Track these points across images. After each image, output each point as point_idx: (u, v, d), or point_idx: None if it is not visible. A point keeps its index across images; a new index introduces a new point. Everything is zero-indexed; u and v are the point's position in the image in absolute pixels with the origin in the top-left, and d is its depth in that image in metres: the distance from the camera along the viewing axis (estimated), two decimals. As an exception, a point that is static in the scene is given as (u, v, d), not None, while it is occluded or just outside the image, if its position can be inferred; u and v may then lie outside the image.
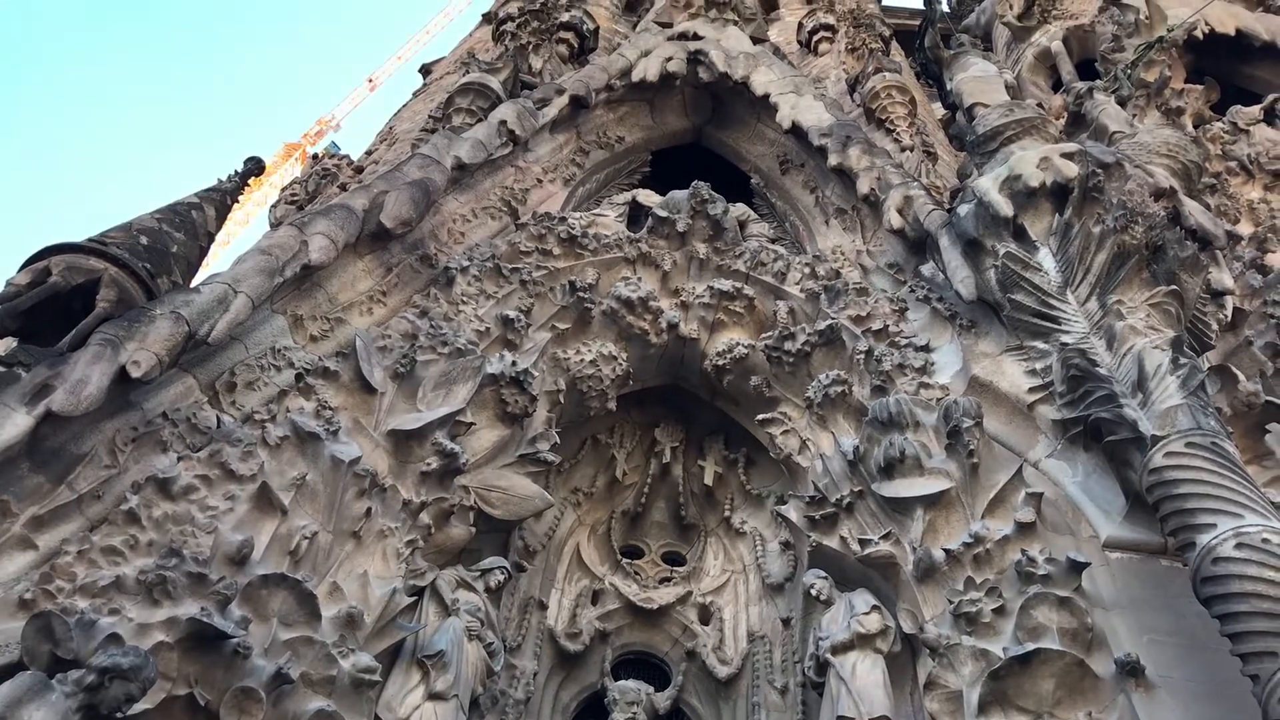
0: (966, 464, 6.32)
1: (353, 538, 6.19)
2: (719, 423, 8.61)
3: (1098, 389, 5.88)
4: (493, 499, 6.94)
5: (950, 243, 7.56)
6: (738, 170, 11.24)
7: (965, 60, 9.22)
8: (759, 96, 10.98)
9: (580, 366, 7.90)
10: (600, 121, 10.82)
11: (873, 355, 7.41)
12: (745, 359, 8.14)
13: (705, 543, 8.31)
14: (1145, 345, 5.88)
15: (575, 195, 10.11)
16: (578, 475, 8.39)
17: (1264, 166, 11.13)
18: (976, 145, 7.97)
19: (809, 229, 9.97)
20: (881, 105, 11.27)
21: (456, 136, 9.12)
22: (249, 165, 9.04)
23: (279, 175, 55.38)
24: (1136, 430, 5.52)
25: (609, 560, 8.12)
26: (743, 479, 8.37)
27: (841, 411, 7.38)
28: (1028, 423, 6.46)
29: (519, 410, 7.18)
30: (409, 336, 7.22)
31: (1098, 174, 6.86)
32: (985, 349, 7.05)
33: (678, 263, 8.72)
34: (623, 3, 18.44)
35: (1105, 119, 8.49)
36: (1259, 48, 13.75)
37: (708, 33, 11.97)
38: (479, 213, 8.87)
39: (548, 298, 8.13)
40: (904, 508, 6.33)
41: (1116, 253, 6.43)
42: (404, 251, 7.98)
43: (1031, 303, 6.66)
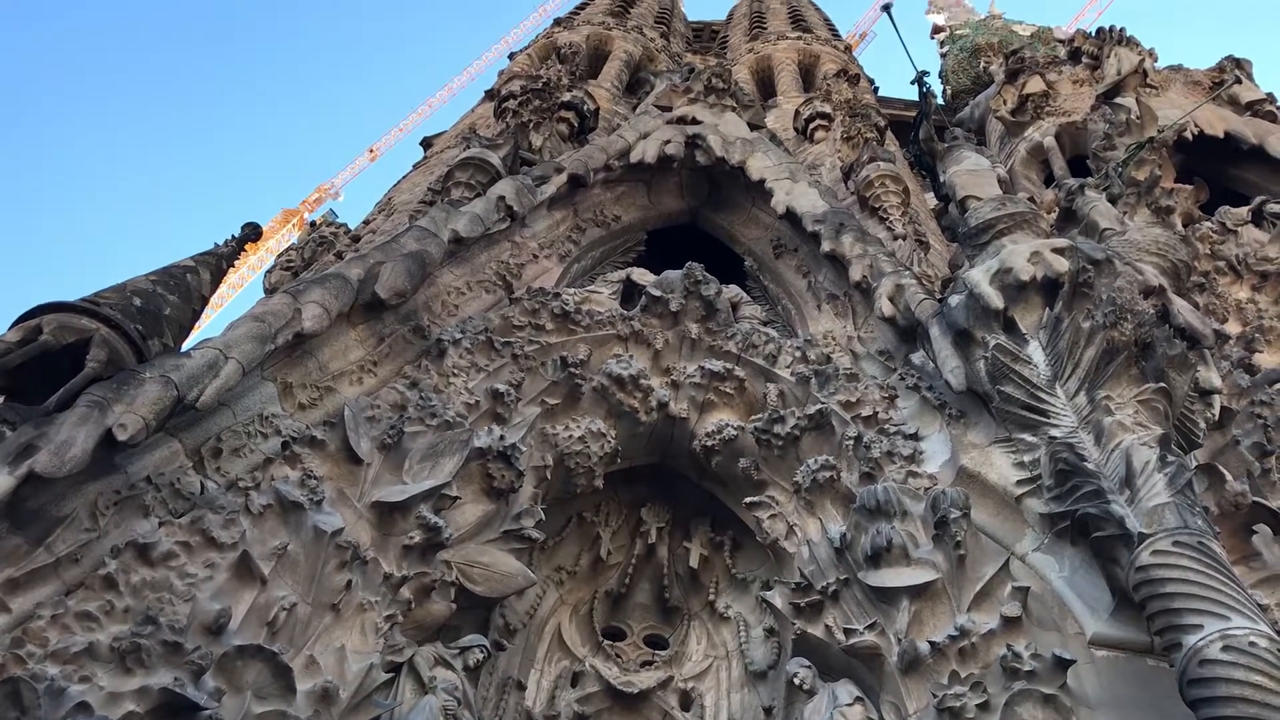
0: (953, 555, 6.28)
1: (332, 610, 6.11)
2: (706, 504, 8.56)
3: (1085, 484, 5.87)
4: (475, 575, 6.86)
5: (941, 332, 7.60)
6: (732, 252, 11.34)
7: (959, 153, 9.36)
8: (754, 181, 11.13)
9: (569, 443, 7.87)
10: (598, 200, 10.94)
11: (862, 442, 7.41)
12: (734, 440, 8.13)
13: (688, 626, 8.21)
14: (1133, 442, 5.89)
15: (570, 271, 10.18)
16: (562, 553, 8.32)
17: (1251, 267, 11.26)
18: (968, 237, 8.05)
19: (801, 313, 10.04)
20: (875, 194, 11.42)
21: (454, 210, 9.20)
22: (246, 231, 9.11)
23: (276, 241, 55.67)
24: (1124, 527, 5.50)
25: (590, 641, 8.01)
26: (728, 562, 8.30)
27: (829, 497, 7.36)
28: (1015, 515, 6.44)
29: (505, 485, 7.14)
30: (398, 407, 7.21)
31: (1088, 270, 6.93)
32: (974, 439, 7.05)
33: (670, 342, 8.75)
34: (623, 85, 18.79)
35: (1096, 216, 8.60)
36: (1246, 151, 14.01)
37: (706, 118, 12.17)
38: (474, 286, 8.92)
39: (539, 372, 8.13)
40: (890, 598, 6.28)
41: (1105, 348, 6.46)
42: (397, 322, 8.00)
43: (1020, 395, 6.68)
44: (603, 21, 22.62)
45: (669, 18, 26.58)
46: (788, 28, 24.36)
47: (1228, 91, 15.08)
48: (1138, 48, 16.04)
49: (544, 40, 21.95)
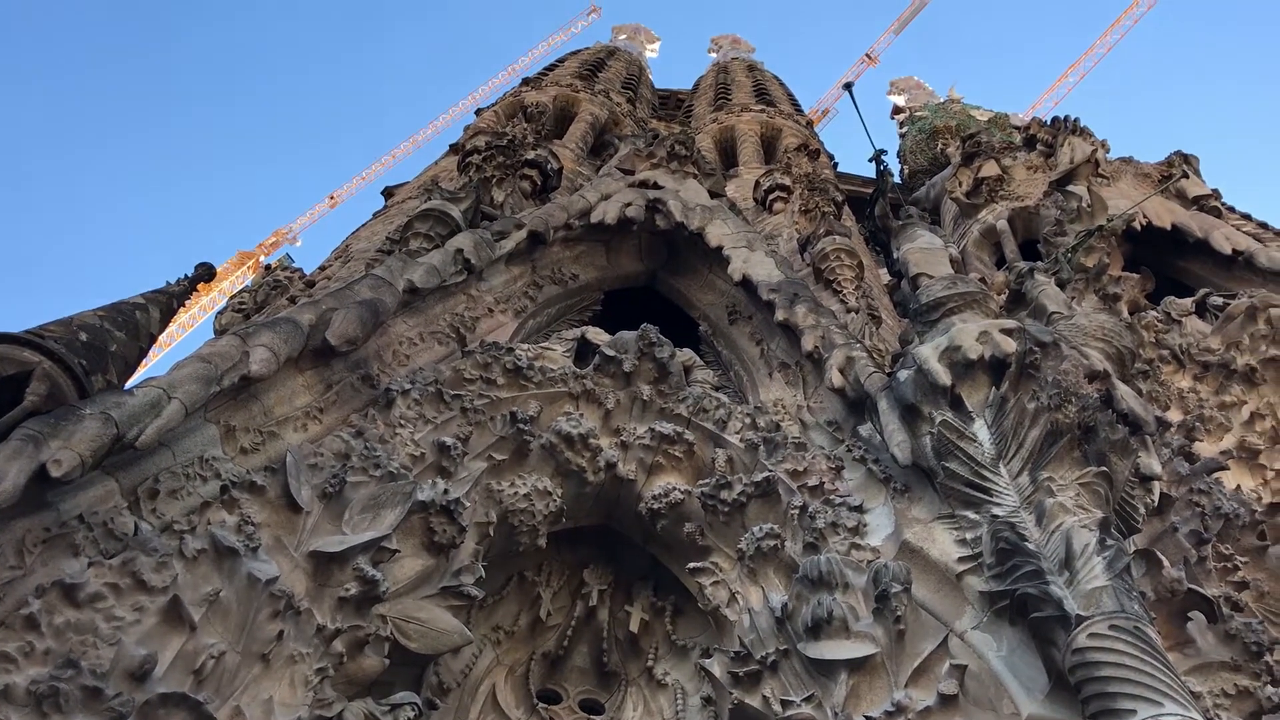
0: (893, 630, 6.27)
1: (261, 660, 5.96)
2: (649, 568, 8.50)
3: (1025, 564, 5.91)
4: (410, 631, 6.73)
5: (889, 406, 7.67)
6: (687, 316, 11.41)
7: (913, 231, 9.52)
8: (713, 248, 11.25)
9: (514, 500, 7.80)
10: (556, 258, 10.98)
11: (807, 511, 7.43)
12: (681, 505, 8.11)
13: (625, 692, 8.10)
14: (1074, 524, 5.95)
15: (525, 327, 10.18)
16: (500, 612, 8.20)
17: (1194, 357, 11.50)
18: (919, 314, 8.17)
19: (752, 380, 10.10)
20: (830, 266, 11.58)
21: (412, 260, 9.19)
22: (199, 270, 9.02)
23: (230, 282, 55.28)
24: (1062, 609, 5.53)
25: (525, 704, 7.88)
26: (669, 628, 8.23)
27: (773, 566, 7.34)
28: (955, 592, 6.45)
29: (446, 540, 7.04)
30: (342, 456, 7.12)
31: (1035, 352, 7.04)
32: (918, 514, 7.09)
33: (621, 402, 8.74)
34: (588, 147, 18.97)
35: (1045, 299, 8.77)
36: (1192, 244, 14.38)
37: (668, 183, 12.31)
38: (426, 337, 8.88)
39: (487, 427, 8.07)
40: (828, 670, 6.24)
41: (1049, 430, 6.55)
42: (346, 370, 7.93)
43: (965, 472, 6.74)
44: (570, 84, 22.88)
45: (636, 84, 26.94)
46: (752, 100, 24.77)
47: (1176, 185, 15.50)
48: (1091, 138, 16.49)
49: (511, 98, 22.14)
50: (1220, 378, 11.23)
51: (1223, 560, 7.99)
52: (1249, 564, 8.28)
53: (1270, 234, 15.23)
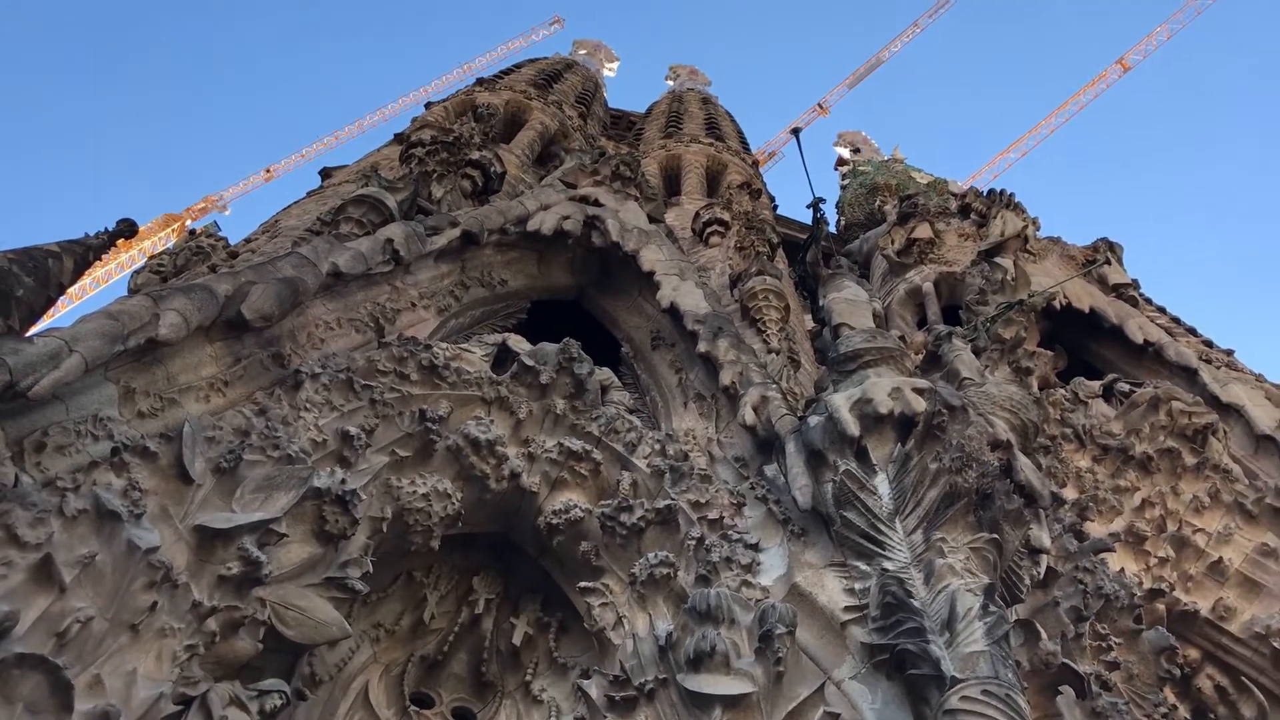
0: (773, 671, 6.30)
1: (130, 630, 5.78)
2: (540, 582, 8.45)
3: (909, 620, 5.99)
4: (289, 618, 6.59)
5: (796, 449, 7.74)
6: (610, 336, 11.42)
7: (840, 281, 9.66)
8: (645, 272, 11.30)
9: (412, 498, 7.69)
10: (487, 261, 10.92)
11: (704, 544, 7.46)
12: (580, 523, 8.08)
13: (500, 704, 8.02)
14: (960, 587, 6.05)
15: (446, 326, 10.09)
16: (384, 610, 8.07)
17: (1095, 439, 11.79)
18: (836, 363, 8.27)
19: (667, 407, 10.13)
20: (757, 306, 11.67)
21: (340, 244, 9.06)
22: (121, 226, 8.79)
23: (152, 243, 54.03)
24: (939, 669, 5.62)
25: (396, 705, 7.75)
26: (552, 645, 8.18)
27: (663, 594, 7.35)
28: (838, 640, 6.51)
29: (337, 531, 6.92)
30: (241, 432, 6.96)
31: (943, 414, 7.16)
32: (811, 559, 7.15)
33: (533, 413, 8.69)
34: (534, 155, 18.91)
35: (959, 364, 8.93)
36: (1107, 329, 14.77)
37: (608, 201, 12.33)
38: (344, 323, 8.75)
39: (394, 422, 7.95)
40: (704, 704, 6.25)
41: (948, 492, 6.66)
42: (258, 346, 7.77)
43: (861, 523, 6.82)
44: (525, 90, 22.81)
45: (590, 100, 26.98)
46: (702, 132, 24.95)
47: (1098, 271, 15.93)
48: (1023, 214, 16.87)
49: (464, 96, 22.00)
50: (1118, 462, 11.53)
51: (1098, 639, 8.18)
52: (1122, 645, 8.49)
53: (1181, 330, 15.72)
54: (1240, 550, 10.88)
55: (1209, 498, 11.18)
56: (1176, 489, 11.29)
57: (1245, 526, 11.01)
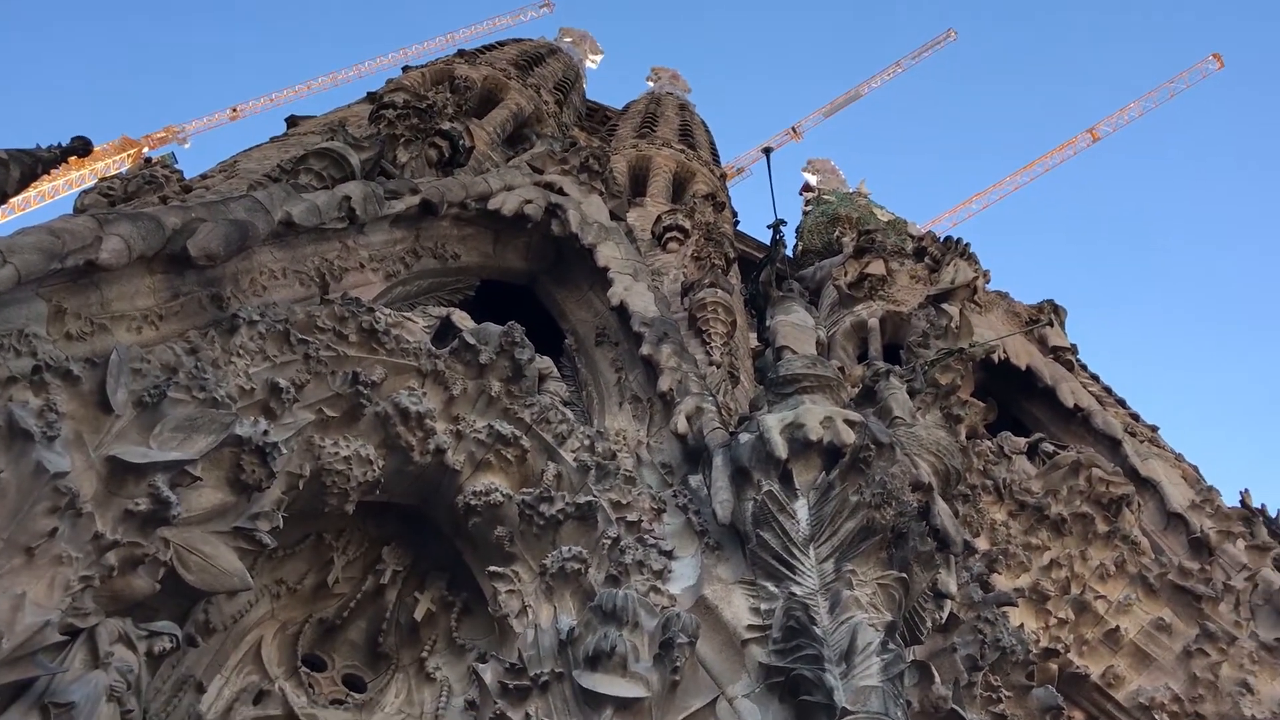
0: (668, 679, 6.32)
1: (25, 553, 5.64)
2: (450, 561, 8.39)
3: (809, 646, 6.05)
4: (191, 563, 6.47)
5: (723, 464, 7.79)
6: (556, 325, 11.39)
7: (789, 305, 9.74)
8: (599, 267, 11.30)
9: (333, 460, 7.59)
10: (443, 233, 10.84)
11: (619, 545, 7.46)
12: (499, 507, 8.03)
13: (392, 677, 7.96)
14: (863, 620, 6.12)
15: (392, 292, 9.99)
16: (288, 567, 7.96)
17: (1014, 494, 12.00)
18: (774, 384, 8.34)
19: (603, 405, 10.13)
20: (706, 317, 11.72)
21: (296, 194, 8.95)
22: (75, 143, 8.64)
23: (105, 165, 52.93)
24: (831, 698, 5.69)
25: (288, 664, 7.66)
26: (453, 625, 8.13)
27: (571, 589, 7.34)
28: (737, 657, 6.55)
29: (253, 482, 6.80)
30: (169, 369, 6.83)
31: (871, 449, 7.24)
32: (722, 574, 7.19)
33: (468, 391, 8.62)
34: (504, 135, 18.83)
35: (893, 403, 9.04)
36: (1040, 389, 15.04)
37: (573, 192, 12.31)
38: (289, 274, 8.63)
39: (326, 380, 7.84)
40: (596, 703, 6.25)
41: (864, 526, 6.75)
42: (198, 284, 7.65)
43: (776, 545, 6.88)
44: (505, 69, 22.69)
45: (569, 89, 26.91)
46: (675, 138, 25.01)
47: (1040, 331, 16.22)
48: (975, 265, 17.12)
49: (443, 65, 21.84)
50: (1032, 520, 11.74)
51: (989, 690, 8.31)
52: (1012, 699, 8.64)
53: (1111, 400, 16.05)
54: (1137, 622, 11.14)
55: (1115, 567, 11.43)
56: (1085, 554, 11.53)
57: (1145, 599, 11.28)
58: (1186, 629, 11.02)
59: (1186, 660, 10.82)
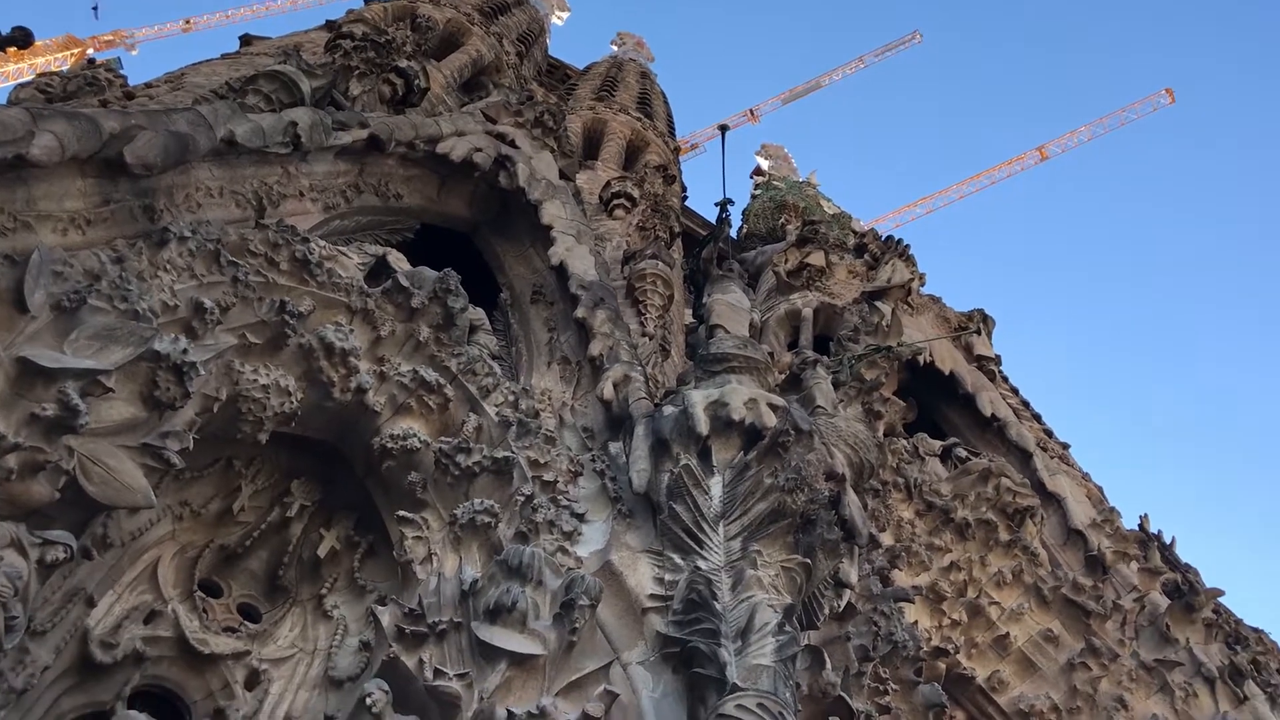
0: (566, 639, 6.37)
1: (-80, 448, 5.49)
2: (359, 501, 8.32)
3: (707, 621, 6.13)
4: (94, 474, 6.33)
5: (644, 434, 7.84)
6: (493, 279, 11.32)
7: (727, 285, 9.80)
8: (543, 225, 11.24)
9: (251, 386, 7.47)
10: (388, 171, 10.69)
11: (531, 502, 7.48)
12: (415, 453, 7.99)
13: (289, 611, 7.90)
14: (763, 601, 6.22)
15: (329, 225, 9.84)
16: (194, 490, 7.83)
17: (923, 495, 12.22)
18: (704, 361, 8.39)
19: (531, 363, 10.11)
20: (644, 288, 11.71)
21: (242, 113, 8.75)
22: (15, 33, 8.37)
23: (45, 60, 51.26)
24: (723, 673, 5.79)
25: (183, 587, 7.56)
26: (356, 565, 8.09)
27: (479, 541, 7.35)
28: (636, 624, 6.62)
29: (167, 399, 6.66)
30: (92, 276, 6.65)
31: (790, 435, 7.33)
32: (630, 541, 7.24)
33: (396, 334, 8.53)
34: (461, 80, 18.55)
35: (817, 392, 9.15)
36: (961, 395, 15.30)
37: (524, 145, 12.20)
38: (226, 193, 8.44)
39: (252, 305, 7.68)
40: (491, 655, 6.27)
41: (775, 508, 6.84)
42: (131, 194, 7.46)
43: (687, 519, 6.95)
44: (469, 14, 22.31)
45: (531, 42, 26.60)
46: (633, 105, 24.86)
47: (967, 338, 16.48)
48: (913, 267, 17.31)
49: (406, 2, 21.43)
50: (938, 521, 11.97)
51: (878, 681, 8.48)
52: (898, 693, 8.83)
53: (1028, 414, 16.40)
54: (1027, 631, 11.45)
55: (1012, 575, 11.72)
56: (985, 560, 11.79)
57: (1037, 610, 11.58)
58: (1073, 642, 11.36)
59: (1069, 672, 11.16)
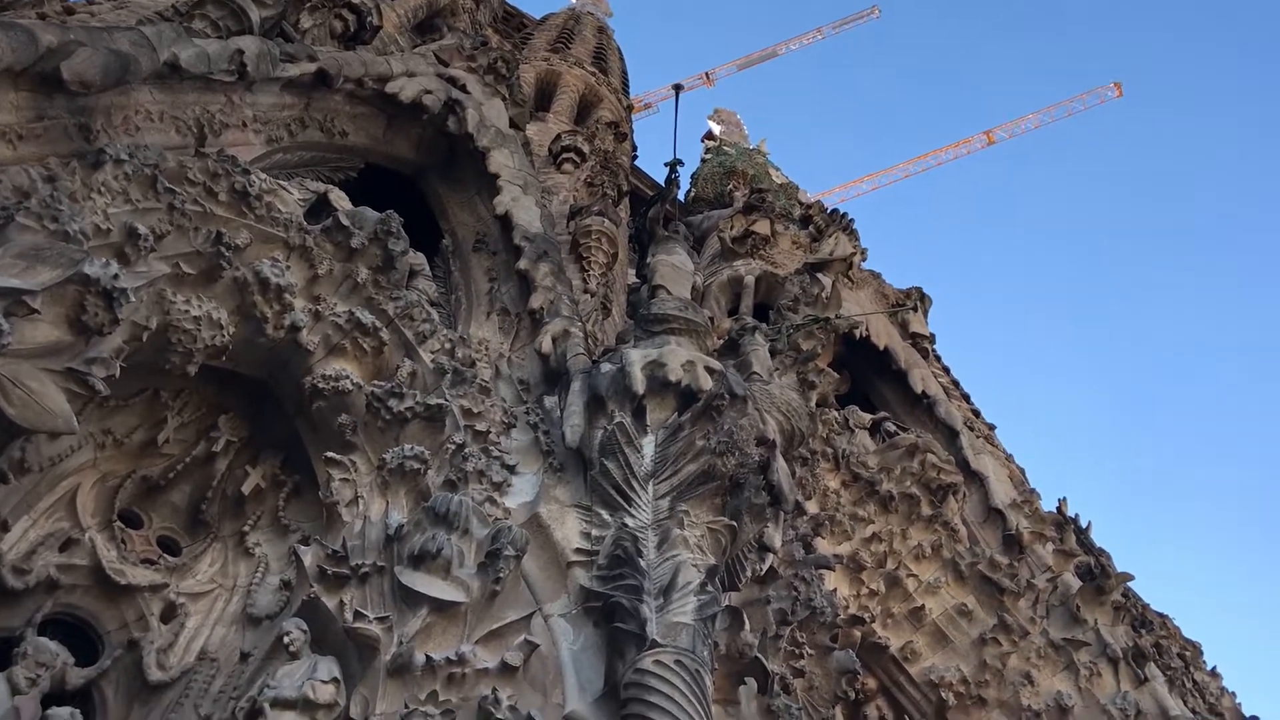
0: (489, 588, 6.40)
1: None
2: (287, 440, 8.22)
3: (631, 577, 6.19)
4: (15, 396, 6.16)
5: (580, 390, 7.85)
6: (435, 224, 11.19)
7: (672, 246, 9.80)
8: (490, 173, 11.12)
9: (182, 317, 7.31)
10: (334, 108, 10.49)
11: (462, 451, 7.47)
12: (346, 395, 7.91)
13: (209, 546, 7.80)
14: (687, 560, 6.29)
15: (271, 159, 9.63)
16: (118, 418, 7.68)
17: (850, 466, 12.38)
18: (644, 321, 8.41)
19: (470, 312, 10.03)
20: (588, 245, 11.65)
21: (187, 37, 8.52)
22: (-51, -63, 8.01)
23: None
24: (643, 629, 5.85)
25: (102, 516, 7.43)
26: (280, 504, 8.00)
27: (406, 487, 7.33)
28: (560, 577, 6.66)
29: (95, 325, 6.50)
30: (21, 193, 6.46)
31: (725, 399, 7.39)
32: (560, 495, 7.27)
33: (333, 273, 8.40)
34: (414, 21, 18.19)
35: (754, 358, 9.21)
36: (893, 371, 15.49)
37: (476, 91, 12.04)
38: (166, 119, 8.23)
39: (188, 235, 7.51)
40: (413, 601, 6.28)
41: (705, 470, 6.91)
42: (68, 111, 7.26)
43: (618, 476, 6.98)
44: (427, -46, 21.91)
45: (490, -12, 26.18)
46: (588, 59, 24.61)
47: (904, 315, 16.67)
48: (855, 241, 17.45)
49: (363, -63, 20.96)
50: (863, 493, 12.14)
51: (794, 645, 8.62)
52: (813, 658, 8.98)
53: (957, 394, 16.65)
54: (942, 604, 11.70)
55: (931, 549, 11.94)
56: (906, 533, 12.00)
57: (953, 584, 11.83)
58: (986, 617, 11.62)
59: (980, 647, 11.42)
